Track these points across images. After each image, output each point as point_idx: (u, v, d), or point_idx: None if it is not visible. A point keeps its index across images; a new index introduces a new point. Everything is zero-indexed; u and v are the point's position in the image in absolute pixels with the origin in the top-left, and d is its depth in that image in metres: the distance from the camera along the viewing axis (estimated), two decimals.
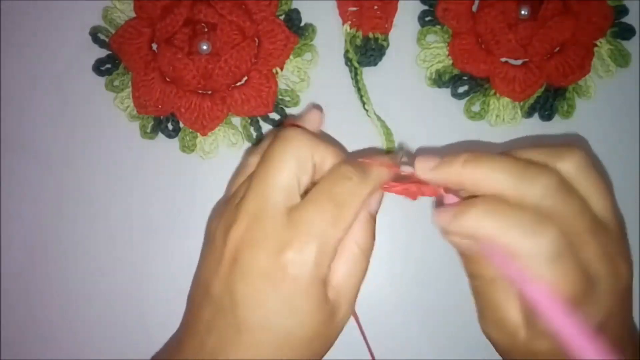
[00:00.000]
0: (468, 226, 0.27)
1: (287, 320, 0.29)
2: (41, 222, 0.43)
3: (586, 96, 0.42)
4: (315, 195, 0.30)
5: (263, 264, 0.29)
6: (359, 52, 0.42)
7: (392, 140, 0.42)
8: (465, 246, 0.29)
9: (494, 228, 0.27)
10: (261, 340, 0.30)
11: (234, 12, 0.41)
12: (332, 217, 0.29)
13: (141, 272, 0.42)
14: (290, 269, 0.28)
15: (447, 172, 0.29)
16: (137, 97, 0.41)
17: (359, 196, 0.30)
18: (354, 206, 0.30)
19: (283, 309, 0.29)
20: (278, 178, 0.30)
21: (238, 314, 0.29)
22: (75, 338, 0.42)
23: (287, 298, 0.29)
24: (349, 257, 0.31)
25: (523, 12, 0.41)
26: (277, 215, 0.29)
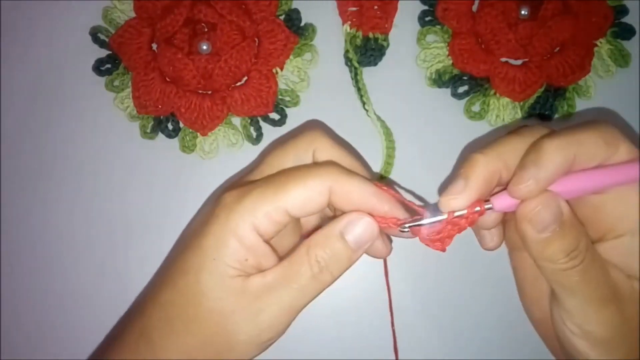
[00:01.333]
0: (556, 156, 0.26)
1: (190, 258, 0.29)
2: (41, 222, 0.43)
3: (586, 96, 0.42)
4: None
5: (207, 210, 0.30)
6: (359, 52, 0.42)
7: (392, 140, 0.42)
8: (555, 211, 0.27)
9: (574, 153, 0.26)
10: (173, 300, 0.30)
11: (234, 12, 0.41)
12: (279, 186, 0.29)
13: (141, 272, 0.42)
14: (216, 208, 0.29)
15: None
16: (137, 97, 0.41)
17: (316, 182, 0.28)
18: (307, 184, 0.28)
19: (193, 246, 0.29)
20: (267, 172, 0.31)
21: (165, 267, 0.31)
22: (75, 338, 0.42)
23: (201, 235, 0.29)
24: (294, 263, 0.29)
25: (523, 12, 0.41)
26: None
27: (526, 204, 0.27)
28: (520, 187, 0.27)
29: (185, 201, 0.42)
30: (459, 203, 0.28)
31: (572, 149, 0.27)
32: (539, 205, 0.27)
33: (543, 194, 0.27)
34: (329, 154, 0.31)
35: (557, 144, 0.27)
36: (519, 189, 0.27)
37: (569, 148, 0.27)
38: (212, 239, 0.28)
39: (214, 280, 0.28)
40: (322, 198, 0.28)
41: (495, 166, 0.28)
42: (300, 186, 0.28)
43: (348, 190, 0.29)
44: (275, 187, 0.28)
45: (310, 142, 0.31)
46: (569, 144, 0.27)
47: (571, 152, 0.27)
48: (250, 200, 0.28)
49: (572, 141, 0.27)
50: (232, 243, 0.28)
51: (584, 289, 0.27)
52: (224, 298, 0.28)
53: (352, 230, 0.29)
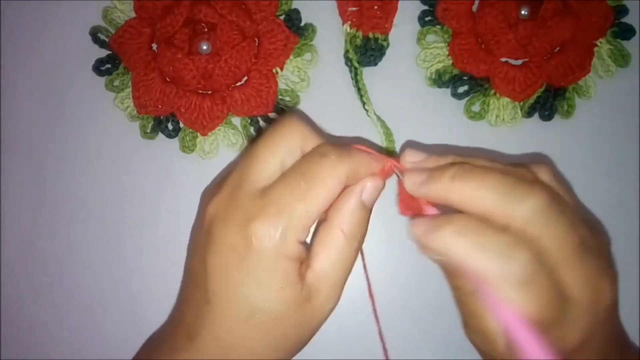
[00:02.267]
0: (440, 243, 0.27)
1: (251, 292, 0.29)
2: (41, 222, 0.43)
3: (586, 96, 0.42)
4: (288, 172, 0.30)
5: (231, 236, 0.29)
6: (359, 52, 0.42)
7: (392, 140, 0.42)
8: (440, 262, 0.29)
9: (465, 249, 0.26)
10: (228, 313, 0.30)
11: (234, 12, 0.41)
12: (301, 193, 0.29)
13: (141, 271, 0.42)
14: (254, 240, 0.28)
15: (435, 188, 0.29)
16: (137, 97, 0.41)
17: (332, 174, 0.29)
18: (326, 183, 0.29)
19: (248, 281, 0.29)
20: (261, 160, 0.30)
21: (208, 287, 0.30)
22: (75, 338, 0.42)
23: (252, 270, 0.29)
24: (332, 243, 0.30)
25: (523, 12, 0.41)
26: (251, 192, 0.29)
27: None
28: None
29: (185, 201, 0.42)
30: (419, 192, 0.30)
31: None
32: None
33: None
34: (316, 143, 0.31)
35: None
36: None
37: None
38: (267, 272, 0.29)
39: (287, 307, 0.29)
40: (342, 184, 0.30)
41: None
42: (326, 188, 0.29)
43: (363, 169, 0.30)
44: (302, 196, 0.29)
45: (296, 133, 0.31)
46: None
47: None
48: (289, 224, 0.29)
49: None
50: (289, 265, 0.29)
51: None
52: (299, 315, 0.30)
53: (369, 194, 0.31)
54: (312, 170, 0.29)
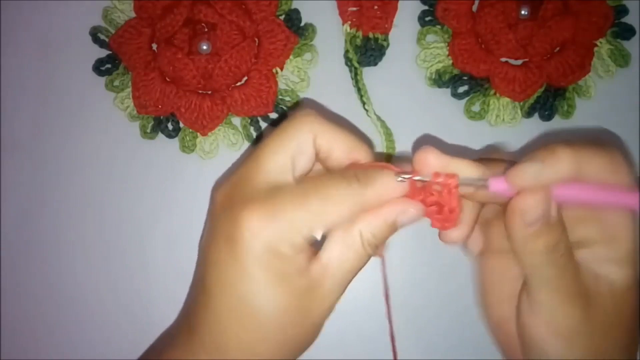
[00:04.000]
0: (562, 168, 0.27)
1: (241, 285, 0.28)
2: (41, 222, 0.43)
3: (586, 96, 0.42)
4: (306, 184, 0.29)
5: (227, 224, 0.29)
6: (359, 52, 0.42)
7: (392, 140, 0.42)
8: (544, 207, 0.28)
9: (585, 162, 0.27)
10: (222, 307, 0.29)
11: (234, 12, 0.41)
12: (309, 208, 0.28)
13: (141, 271, 0.42)
14: (244, 230, 0.28)
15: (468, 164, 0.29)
16: (137, 97, 0.41)
17: (348, 203, 0.29)
18: (340, 210, 0.29)
19: (237, 272, 0.28)
20: (271, 153, 0.30)
21: (204, 277, 0.30)
22: (76, 338, 0.42)
23: (241, 263, 0.28)
24: (349, 242, 0.29)
25: (523, 12, 0.41)
26: (257, 184, 0.29)
27: (522, 197, 0.28)
28: (520, 176, 0.28)
29: (186, 201, 0.42)
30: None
31: (581, 162, 0.28)
32: (533, 201, 0.28)
33: (538, 191, 0.28)
34: (330, 137, 0.30)
35: (570, 152, 0.28)
36: (519, 177, 0.28)
37: (579, 160, 0.28)
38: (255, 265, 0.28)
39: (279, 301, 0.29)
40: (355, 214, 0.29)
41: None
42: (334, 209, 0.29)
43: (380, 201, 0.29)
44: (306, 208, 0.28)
45: (309, 126, 0.30)
46: (580, 157, 0.28)
47: (580, 164, 0.28)
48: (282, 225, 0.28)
49: (584, 155, 0.28)
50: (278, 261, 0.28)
51: (558, 283, 0.29)
52: (294, 307, 0.29)
53: (403, 220, 0.30)
54: (327, 190, 0.29)
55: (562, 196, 0.28)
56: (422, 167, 0.29)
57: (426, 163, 0.29)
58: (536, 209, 0.28)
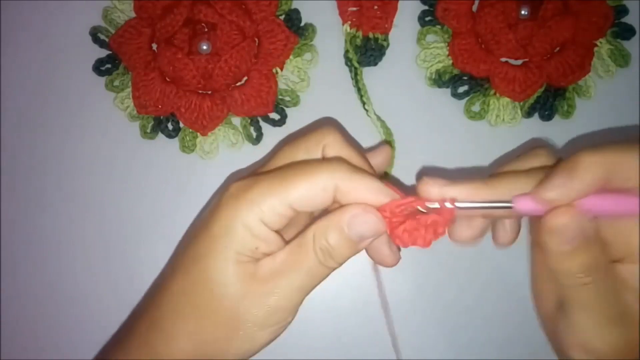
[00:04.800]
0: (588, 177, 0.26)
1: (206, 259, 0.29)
2: (41, 222, 0.43)
3: (586, 96, 0.42)
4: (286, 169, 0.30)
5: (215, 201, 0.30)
6: (359, 52, 0.42)
7: (392, 140, 0.42)
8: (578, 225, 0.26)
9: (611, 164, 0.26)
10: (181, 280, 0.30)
11: (234, 12, 0.41)
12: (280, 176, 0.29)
13: (141, 271, 0.42)
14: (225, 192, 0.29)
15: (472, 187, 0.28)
16: (137, 97, 0.41)
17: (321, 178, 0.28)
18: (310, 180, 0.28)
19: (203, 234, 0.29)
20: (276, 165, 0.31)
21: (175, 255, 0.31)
22: (75, 338, 0.42)
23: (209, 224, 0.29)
24: (302, 243, 0.29)
25: (523, 12, 0.41)
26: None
27: (553, 215, 0.26)
28: (548, 195, 0.26)
29: (185, 201, 0.42)
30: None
31: (610, 167, 0.26)
32: (565, 219, 0.26)
33: (570, 208, 0.26)
34: (338, 151, 0.31)
35: (596, 158, 0.26)
36: (546, 196, 0.26)
37: (607, 165, 0.26)
38: (221, 226, 0.29)
39: (224, 266, 0.29)
40: (327, 195, 0.28)
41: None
42: (305, 182, 0.28)
43: (354, 188, 0.28)
44: (281, 180, 0.29)
45: (321, 138, 0.31)
46: (607, 162, 0.26)
47: (608, 170, 0.26)
48: (256, 191, 0.29)
49: (611, 159, 0.26)
50: (241, 231, 0.28)
51: (594, 306, 0.27)
52: (234, 283, 0.29)
53: (355, 225, 0.28)
54: (303, 165, 0.29)
55: (596, 208, 0.26)
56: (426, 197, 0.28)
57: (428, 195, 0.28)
58: (570, 226, 0.26)
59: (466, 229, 0.30)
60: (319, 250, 0.29)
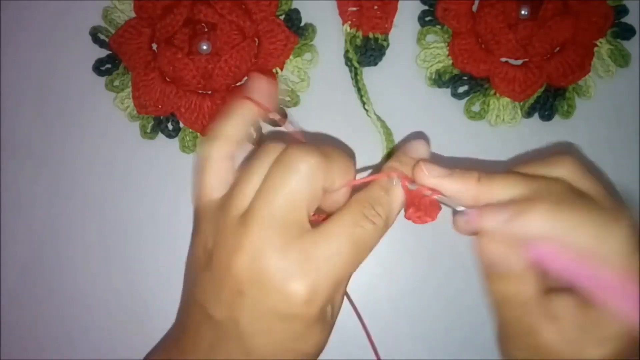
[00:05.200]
0: (532, 226, 0.27)
1: (294, 345, 0.29)
2: (41, 223, 0.43)
3: (586, 96, 0.42)
4: (334, 230, 0.28)
5: (271, 299, 0.28)
6: (359, 52, 0.42)
7: (392, 140, 0.42)
8: (503, 256, 0.28)
9: (563, 227, 0.27)
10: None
11: (234, 12, 0.41)
12: (349, 258, 0.28)
13: (141, 271, 0.42)
14: (297, 305, 0.27)
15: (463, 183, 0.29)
16: (137, 97, 0.41)
17: (377, 239, 0.29)
18: (371, 248, 0.29)
19: (291, 337, 0.28)
20: (290, 211, 0.28)
21: (246, 342, 0.29)
22: (76, 338, 0.42)
23: (295, 330, 0.28)
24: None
25: (523, 12, 0.41)
26: (285, 247, 0.28)
27: (481, 239, 0.29)
28: (486, 220, 0.28)
29: (185, 201, 0.42)
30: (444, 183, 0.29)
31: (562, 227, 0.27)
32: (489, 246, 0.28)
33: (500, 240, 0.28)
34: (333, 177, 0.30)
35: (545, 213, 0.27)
36: (484, 221, 0.28)
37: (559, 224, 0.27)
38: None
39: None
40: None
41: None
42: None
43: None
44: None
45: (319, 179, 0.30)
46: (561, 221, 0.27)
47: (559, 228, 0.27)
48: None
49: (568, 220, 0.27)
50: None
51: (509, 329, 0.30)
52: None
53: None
54: (360, 238, 0.29)
55: (541, 255, 0.27)
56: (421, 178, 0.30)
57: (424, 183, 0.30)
58: (491, 254, 0.28)
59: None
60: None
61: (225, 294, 0.28)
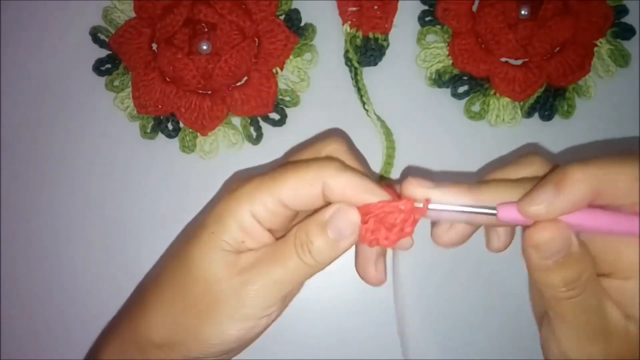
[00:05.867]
0: (578, 191, 0.25)
1: (190, 234, 0.30)
2: (41, 223, 0.43)
3: (586, 96, 0.42)
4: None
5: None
6: (359, 52, 0.42)
7: (392, 140, 0.42)
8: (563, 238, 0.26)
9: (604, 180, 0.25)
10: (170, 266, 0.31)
11: (234, 12, 0.41)
12: (273, 174, 0.29)
13: (140, 271, 0.42)
14: (221, 193, 0.31)
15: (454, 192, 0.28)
16: (137, 97, 0.41)
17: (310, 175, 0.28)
18: (299, 177, 0.29)
19: (195, 225, 0.30)
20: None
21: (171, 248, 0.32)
22: (75, 338, 0.42)
23: (204, 217, 0.30)
24: (283, 243, 0.29)
25: (523, 12, 0.41)
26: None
27: (535, 230, 0.26)
28: (532, 209, 0.26)
29: (185, 201, 0.42)
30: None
31: (600, 183, 0.25)
32: (548, 235, 0.26)
33: (555, 224, 0.26)
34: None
35: (585, 174, 0.25)
36: (530, 209, 0.26)
37: (597, 182, 0.25)
38: (213, 217, 0.30)
39: (206, 249, 0.29)
40: (315, 191, 0.28)
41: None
42: (293, 178, 0.29)
43: (341, 185, 0.28)
44: (272, 177, 0.29)
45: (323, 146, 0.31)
46: (598, 177, 0.25)
47: (598, 185, 0.25)
48: (249, 186, 0.29)
49: (602, 174, 0.25)
50: (230, 223, 0.29)
51: (576, 321, 0.27)
52: (212, 267, 0.29)
53: (334, 220, 0.28)
54: (296, 164, 0.29)
55: (584, 225, 0.26)
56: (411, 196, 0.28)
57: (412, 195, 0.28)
58: (552, 242, 0.26)
59: (447, 232, 0.30)
60: (299, 244, 0.29)
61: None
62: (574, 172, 0.25)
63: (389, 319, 0.35)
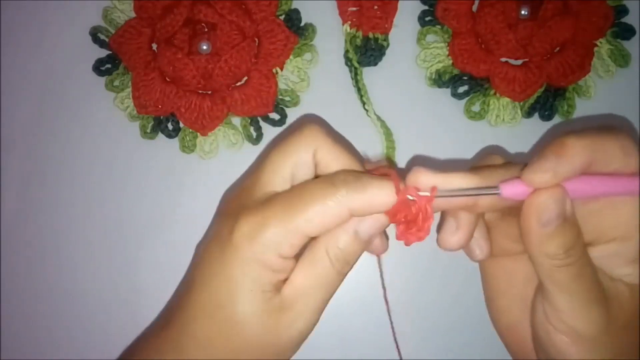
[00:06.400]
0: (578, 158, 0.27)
1: (221, 286, 0.29)
2: (41, 222, 0.43)
3: (586, 96, 0.42)
4: (293, 190, 0.30)
5: (221, 225, 0.30)
6: (359, 52, 0.42)
7: (392, 140, 0.42)
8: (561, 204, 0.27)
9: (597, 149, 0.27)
10: (199, 303, 0.30)
11: (234, 12, 0.41)
12: (295, 213, 0.28)
13: (140, 272, 0.42)
14: (235, 234, 0.29)
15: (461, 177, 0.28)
16: (137, 97, 0.41)
17: (333, 208, 0.28)
18: (324, 213, 0.28)
19: (221, 273, 0.29)
20: (272, 166, 0.31)
21: (192, 273, 0.31)
22: (76, 338, 0.42)
23: (227, 264, 0.29)
24: (316, 260, 0.30)
25: (523, 12, 0.41)
26: (257, 194, 0.30)
27: (537, 196, 0.27)
28: (538, 176, 0.27)
29: (185, 201, 0.42)
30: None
31: (594, 151, 0.27)
32: (549, 198, 0.27)
33: (554, 188, 0.27)
34: (329, 153, 0.31)
35: (582, 142, 0.27)
36: (536, 177, 0.27)
37: (592, 149, 0.27)
38: (241, 269, 0.29)
39: (253, 310, 0.29)
40: (343, 220, 0.29)
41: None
42: (320, 214, 0.28)
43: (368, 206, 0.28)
44: (293, 213, 0.28)
45: (310, 142, 0.31)
46: (592, 146, 0.27)
47: (592, 153, 0.27)
48: (271, 231, 0.28)
49: (595, 143, 0.27)
50: (262, 271, 0.29)
51: (577, 287, 0.28)
52: (264, 322, 0.29)
53: (364, 226, 0.29)
54: (314, 196, 0.28)
55: (575, 192, 0.27)
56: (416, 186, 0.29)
57: (418, 185, 0.28)
58: (553, 206, 0.27)
59: (453, 235, 0.30)
60: (335, 259, 0.29)
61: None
62: (572, 140, 0.27)
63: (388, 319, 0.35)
